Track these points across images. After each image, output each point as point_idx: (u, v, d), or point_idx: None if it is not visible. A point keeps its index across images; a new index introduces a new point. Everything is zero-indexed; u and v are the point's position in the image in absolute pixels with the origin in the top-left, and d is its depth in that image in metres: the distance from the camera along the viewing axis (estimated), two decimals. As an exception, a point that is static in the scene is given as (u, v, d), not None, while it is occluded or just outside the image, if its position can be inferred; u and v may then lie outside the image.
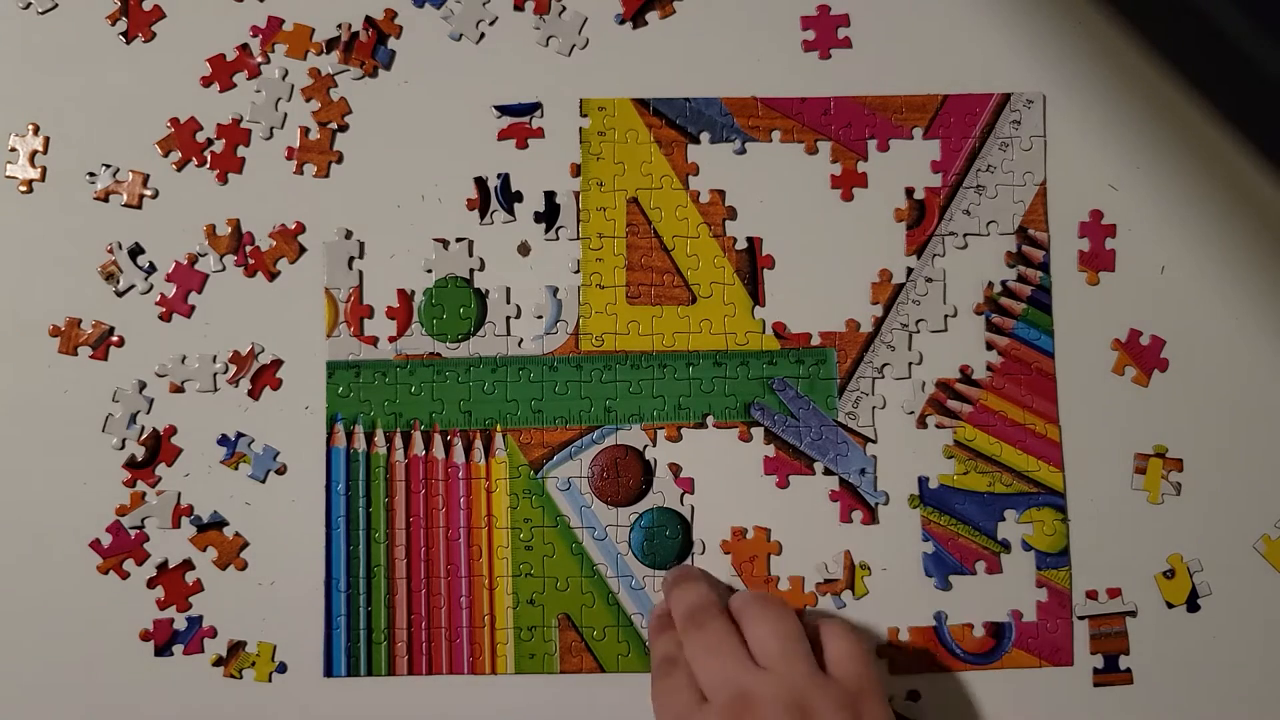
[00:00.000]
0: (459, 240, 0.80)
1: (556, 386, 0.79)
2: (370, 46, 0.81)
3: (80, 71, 0.81)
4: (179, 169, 0.81)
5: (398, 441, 0.79)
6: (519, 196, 0.81)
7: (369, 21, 0.82)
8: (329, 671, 0.77)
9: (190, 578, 0.78)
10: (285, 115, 0.81)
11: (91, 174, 0.80)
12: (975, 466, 0.79)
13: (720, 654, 0.65)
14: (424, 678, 0.78)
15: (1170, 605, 0.78)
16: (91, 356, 0.79)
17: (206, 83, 0.81)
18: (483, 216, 0.81)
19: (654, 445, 0.79)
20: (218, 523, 0.78)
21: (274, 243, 0.80)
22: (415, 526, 0.79)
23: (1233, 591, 0.78)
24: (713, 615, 0.68)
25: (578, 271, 0.80)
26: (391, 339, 0.80)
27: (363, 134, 0.81)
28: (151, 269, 0.80)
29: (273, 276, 0.80)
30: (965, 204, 0.81)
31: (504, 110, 0.81)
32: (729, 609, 0.69)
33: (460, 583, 0.78)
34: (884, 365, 0.80)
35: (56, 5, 0.82)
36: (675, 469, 0.79)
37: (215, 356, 0.79)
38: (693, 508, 0.79)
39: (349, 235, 0.80)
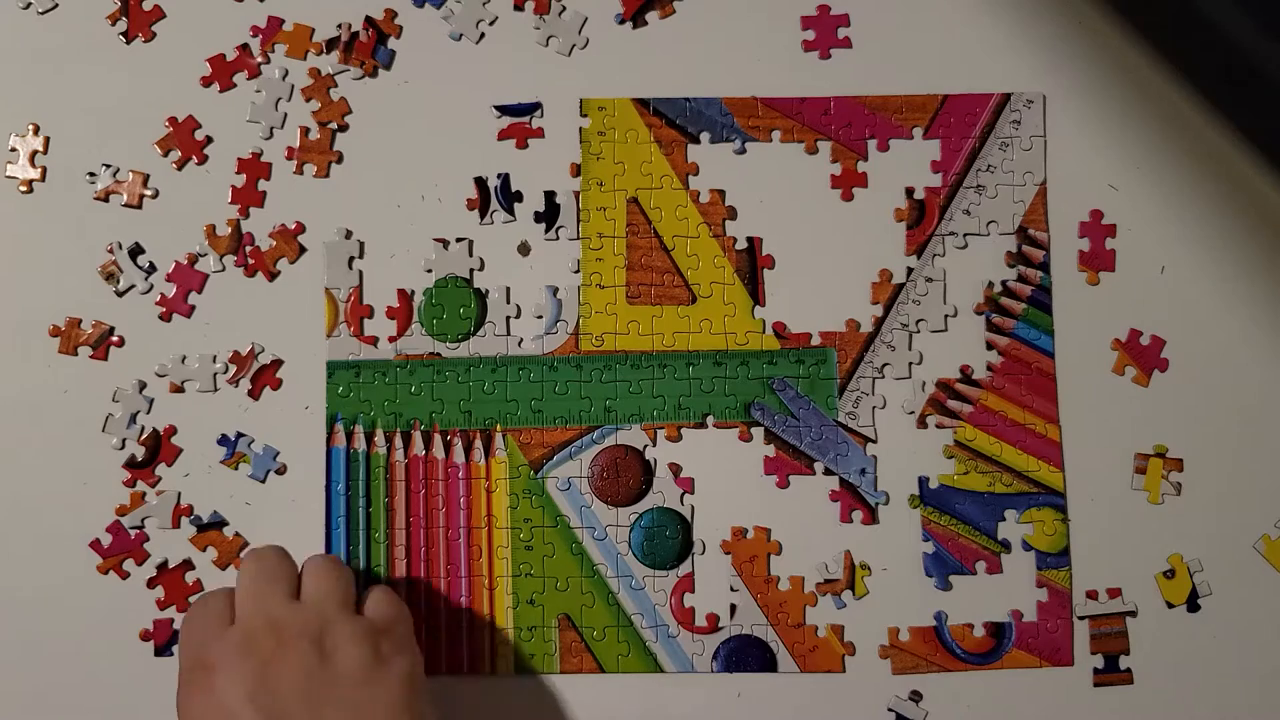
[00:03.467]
0: (459, 240, 0.80)
1: (556, 386, 0.79)
2: (370, 46, 0.81)
3: (80, 71, 0.81)
4: (179, 169, 0.81)
5: (398, 441, 0.79)
6: (519, 196, 0.81)
7: (369, 21, 0.82)
8: (329, 671, 0.77)
9: (190, 578, 0.78)
10: (285, 115, 0.81)
11: (91, 174, 0.80)
12: (975, 466, 0.79)
13: (264, 583, 0.68)
14: (424, 678, 0.78)
15: (1170, 605, 0.78)
16: (91, 356, 0.79)
17: (206, 83, 0.81)
18: (483, 216, 0.81)
19: (654, 445, 0.79)
20: (218, 523, 0.78)
21: (274, 243, 0.80)
22: (415, 526, 0.78)
23: (1233, 591, 0.78)
24: (275, 554, 0.70)
25: (578, 271, 0.80)
26: (391, 339, 0.80)
27: (363, 134, 0.81)
28: (151, 269, 0.80)
29: (273, 276, 0.80)
30: (965, 204, 0.81)
31: (504, 110, 0.81)
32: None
33: (460, 583, 0.78)
34: (884, 365, 0.80)
35: (56, 5, 0.82)
36: (675, 469, 0.79)
37: (215, 356, 0.79)
38: (693, 508, 0.79)
39: (349, 235, 0.80)
